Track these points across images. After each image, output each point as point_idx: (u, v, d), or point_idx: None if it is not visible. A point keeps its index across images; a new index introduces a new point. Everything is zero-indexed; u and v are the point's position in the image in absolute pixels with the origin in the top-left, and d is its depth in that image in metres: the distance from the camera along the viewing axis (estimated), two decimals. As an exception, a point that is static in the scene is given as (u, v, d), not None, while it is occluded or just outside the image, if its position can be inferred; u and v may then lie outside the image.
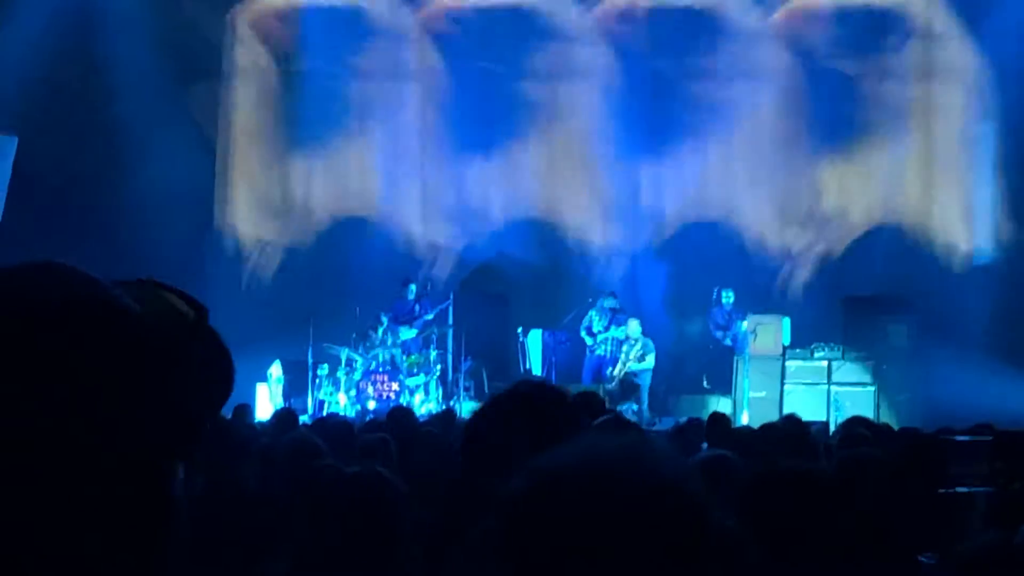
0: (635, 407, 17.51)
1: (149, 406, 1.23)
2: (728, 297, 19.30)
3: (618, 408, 14.31)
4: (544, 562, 1.43)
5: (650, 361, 18.34)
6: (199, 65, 21.30)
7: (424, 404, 17.75)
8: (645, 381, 18.32)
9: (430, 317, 19.03)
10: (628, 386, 18.03)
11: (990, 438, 3.28)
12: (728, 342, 19.02)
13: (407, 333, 18.95)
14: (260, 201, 21.99)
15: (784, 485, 3.38)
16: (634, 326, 18.64)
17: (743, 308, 18.95)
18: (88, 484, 1.20)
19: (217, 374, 1.40)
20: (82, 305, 1.24)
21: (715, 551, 1.46)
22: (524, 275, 21.14)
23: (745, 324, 18.47)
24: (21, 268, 1.27)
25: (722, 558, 1.48)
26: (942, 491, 3.71)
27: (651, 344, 18.47)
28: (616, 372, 18.35)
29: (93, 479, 1.20)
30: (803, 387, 17.54)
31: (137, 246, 18.09)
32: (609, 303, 19.22)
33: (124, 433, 1.22)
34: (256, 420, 13.00)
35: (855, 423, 8.09)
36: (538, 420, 2.75)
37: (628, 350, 18.43)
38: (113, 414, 1.21)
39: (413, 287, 19.36)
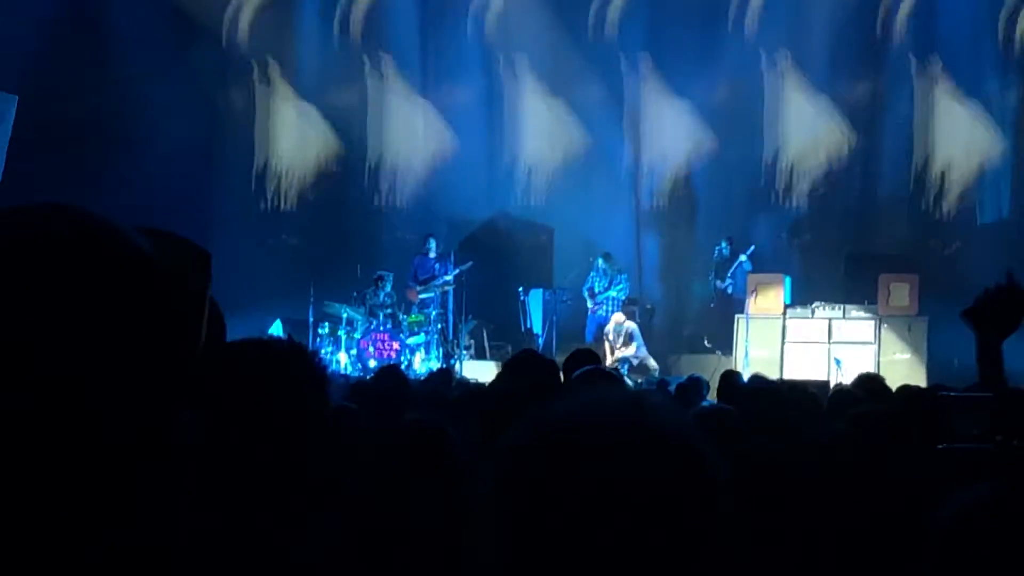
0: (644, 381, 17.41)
1: (157, 341, 1.24)
2: (726, 249, 19.32)
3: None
4: (544, 512, 1.43)
5: (636, 346, 18.22)
6: (200, 22, 21.20)
7: (424, 363, 17.77)
8: (641, 354, 18.25)
9: (449, 278, 18.98)
10: (632, 370, 17.90)
11: (989, 395, 3.29)
12: (728, 282, 19.09)
13: (427, 294, 18.89)
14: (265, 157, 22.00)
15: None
16: (615, 318, 18.49)
17: (743, 244, 19.08)
18: (93, 418, 1.20)
19: (211, 327, 1.40)
20: (93, 238, 1.25)
21: (715, 500, 1.46)
22: (525, 234, 21.13)
23: (743, 257, 18.55)
24: (33, 206, 1.27)
25: (722, 508, 1.47)
26: (941, 447, 3.71)
27: (635, 331, 18.30)
28: (609, 366, 17.96)
29: (98, 412, 1.21)
30: (804, 346, 17.55)
31: (137, 204, 18.02)
32: (603, 264, 19.20)
33: (130, 366, 1.22)
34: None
35: (866, 380, 8.14)
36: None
37: (614, 340, 18.31)
38: (119, 347, 1.21)
39: (433, 242, 19.29)
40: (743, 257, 18.88)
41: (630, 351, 18.14)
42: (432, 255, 19.19)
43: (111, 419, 1.21)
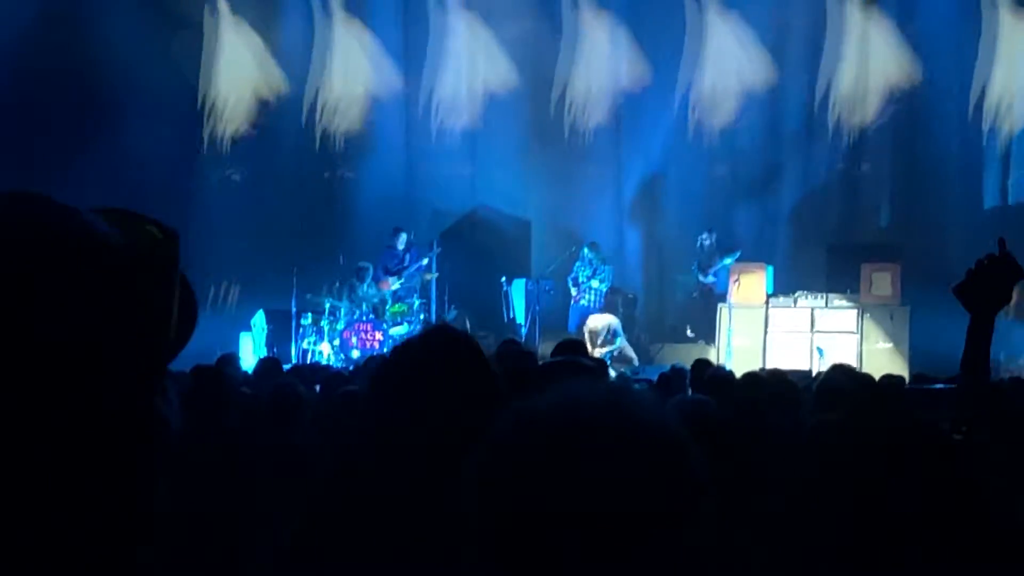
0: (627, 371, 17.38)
1: (124, 329, 1.23)
2: (709, 239, 19.33)
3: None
4: (523, 505, 1.42)
5: (619, 342, 18.16)
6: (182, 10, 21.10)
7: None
8: (627, 353, 18.17)
9: (423, 263, 19.00)
10: (617, 359, 17.85)
11: (954, 387, 3.29)
12: (711, 278, 19.08)
13: (395, 284, 18.93)
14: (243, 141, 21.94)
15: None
16: (594, 319, 18.23)
17: (727, 245, 19.09)
18: (71, 405, 1.20)
19: (184, 311, 1.39)
20: (56, 230, 1.24)
21: (695, 492, 1.46)
22: (507, 224, 21.12)
23: (728, 260, 18.54)
24: None
25: (703, 505, 1.47)
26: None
27: (618, 327, 18.23)
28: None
29: (75, 400, 1.20)
30: (786, 335, 17.58)
31: (120, 190, 17.95)
32: (589, 252, 19.20)
33: (100, 356, 1.22)
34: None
35: (836, 371, 8.09)
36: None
37: (595, 339, 18.23)
38: (89, 337, 1.21)
39: (404, 236, 19.29)
40: (728, 260, 18.74)
41: (609, 348, 18.07)
42: (401, 247, 19.19)
43: (84, 404, 1.21)
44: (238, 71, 21.82)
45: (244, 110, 21.89)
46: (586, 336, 18.15)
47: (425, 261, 19.00)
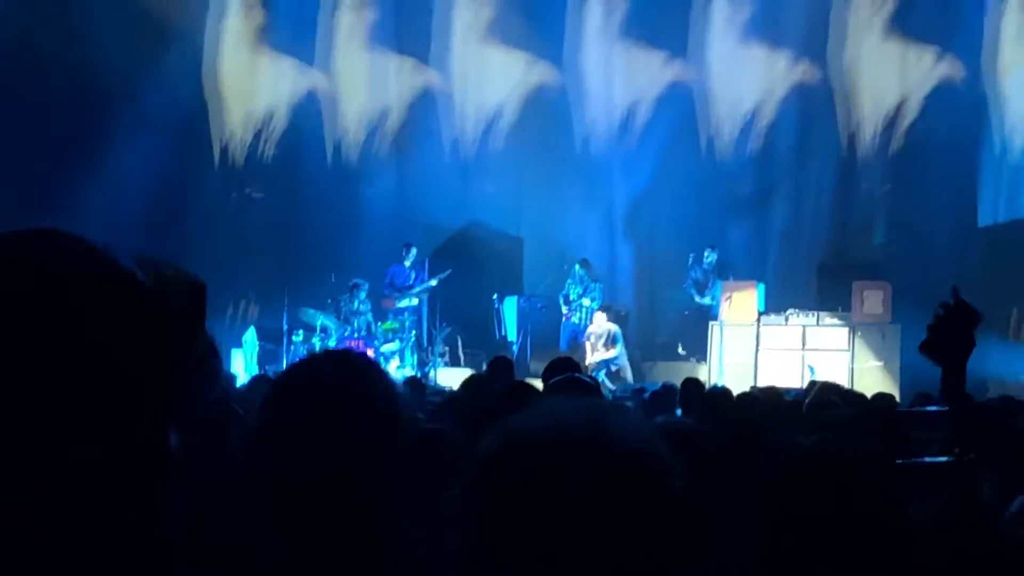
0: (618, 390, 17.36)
1: (152, 370, 1.24)
2: (711, 256, 19.34)
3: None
4: (509, 524, 1.44)
5: (619, 349, 18.19)
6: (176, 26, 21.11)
7: (399, 370, 17.77)
8: (622, 363, 18.18)
9: (432, 284, 18.92)
10: (610, 375, 17.85)
11: (947, 408, 3.31)
12: (708, 300, 19.06)
13: (405, 302, 18.85)
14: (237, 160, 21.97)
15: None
16: (599, 320, 18.46)
17: (726, 271, 19.08)
18: (90, 443, 1.22)
19: (207, 364, 1.41)
20: (86, 268, 1.25)
21: (678, 513, 1.47)
22: (499, 241, 21.14)
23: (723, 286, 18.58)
24: (23, 234, 1.27)
25: (682, 524, 1.49)
26: (899, 461, 3.73)
27: (618, 333, 18.29)
28: (589, 365, 17.81)
29: (95, 439, 1.22)
30: (778, 353, 17.60)
31: (114, 209, 17.93)
32: (580, 270, 19.21)
33: (127, 395, 1.23)
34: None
35: (827, 390, 8.10)
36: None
37: (596, 341, 18.25)
38: (116, 377, 1.23)
39: (414, 251, 19.26)
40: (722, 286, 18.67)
41: (612, 353, 18.07)
42: (408, 263, 19.18)
43: (102, 437, 1.23)
44: (240, 85, 21.89)
45: (246, 124, 21.96)
46: (587, 340, 18.17)
47: (434, 282, 18.91)
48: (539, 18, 21.46)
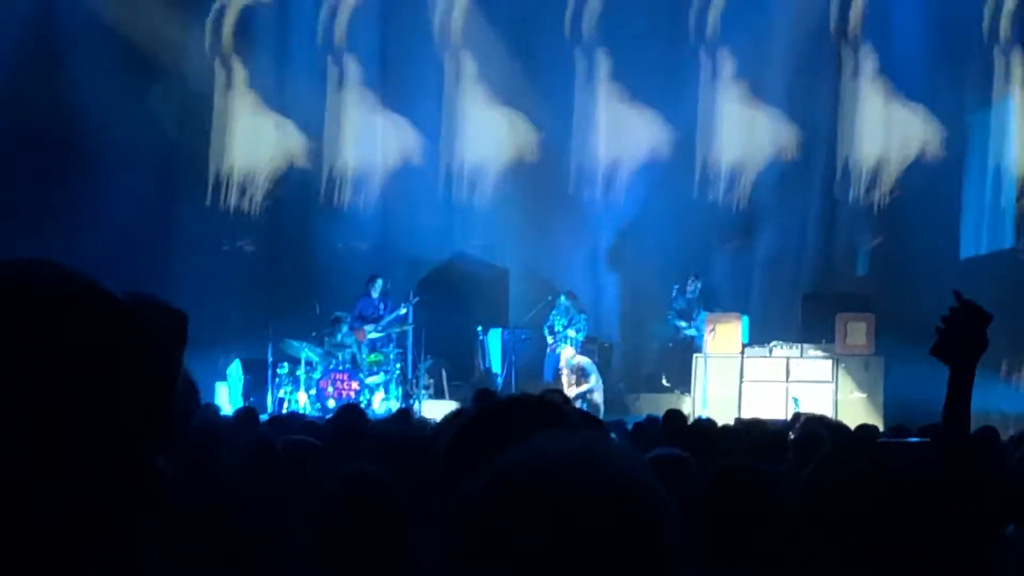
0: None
1: (143, 397, 1.26)
2: (694, 285, 19.37)
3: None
4: (500, 561, 1.44)
5: (593, 381, 18.11)
6: (159, 63, 21.12)
7: (384, 403, 17.74)
8: (596, 400, 18.04)
9: (402, 313, 18.92)
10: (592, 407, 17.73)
11: (928, 439, 3.31)
12: (692, 332, 19.06)
13: (372, 334, 18.87)
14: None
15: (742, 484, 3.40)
16: (566, 354, 18.34)
17: (710, 302, 19.11)
18: (82, 472, 1.22)
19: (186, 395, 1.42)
20: (81, 296, 1.27)
21: (672, 548, 1.47)
22: (484, 273, 21.14)
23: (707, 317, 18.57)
24: (17, 262, 1.29)
25: (679, 555, 1.48)
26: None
27: (588, 365, 18.21)
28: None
29: (87, 466, 1.23)
30: (762, 385, 17.61)
31: (98, 245, 17.90)
32: (566, 301, 19.22)
33: (119, 422, 1.24)
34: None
35: (813, 422, 8.13)
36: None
37: (569, 376, 18.14)
38: (109, 404, 1.24)
39: (379, 283, 19.26)
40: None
41: (585, 387, 18.01)
42: (376, 294, 19.16)
43: (91, 467, 1.23)
44: (246, 140, 21.95)
45: (232, 165, 21.99)
46: (563, 373, 18.12)
47: (403, 311, 18.95)
48: (529, 68, 21.46)
